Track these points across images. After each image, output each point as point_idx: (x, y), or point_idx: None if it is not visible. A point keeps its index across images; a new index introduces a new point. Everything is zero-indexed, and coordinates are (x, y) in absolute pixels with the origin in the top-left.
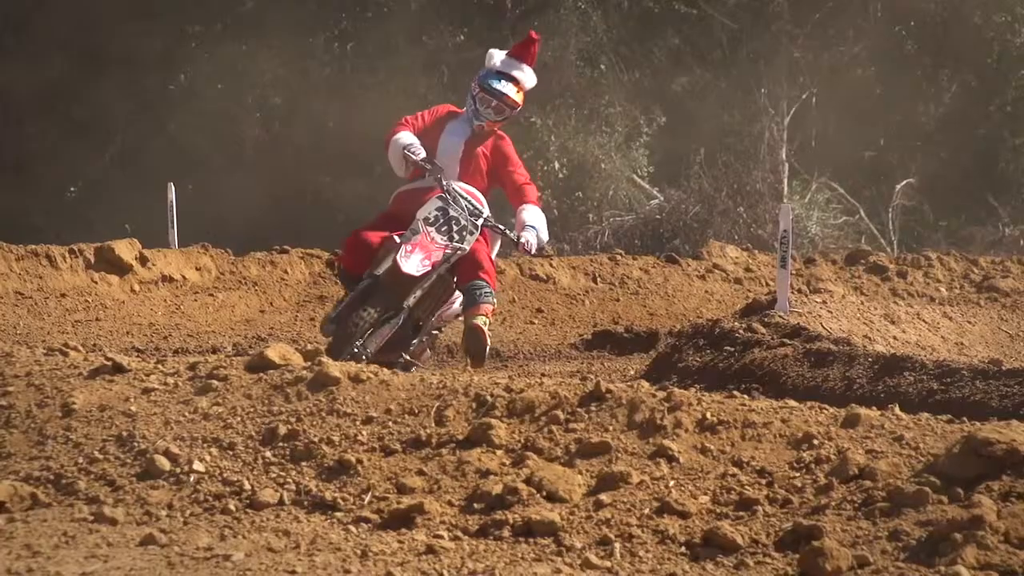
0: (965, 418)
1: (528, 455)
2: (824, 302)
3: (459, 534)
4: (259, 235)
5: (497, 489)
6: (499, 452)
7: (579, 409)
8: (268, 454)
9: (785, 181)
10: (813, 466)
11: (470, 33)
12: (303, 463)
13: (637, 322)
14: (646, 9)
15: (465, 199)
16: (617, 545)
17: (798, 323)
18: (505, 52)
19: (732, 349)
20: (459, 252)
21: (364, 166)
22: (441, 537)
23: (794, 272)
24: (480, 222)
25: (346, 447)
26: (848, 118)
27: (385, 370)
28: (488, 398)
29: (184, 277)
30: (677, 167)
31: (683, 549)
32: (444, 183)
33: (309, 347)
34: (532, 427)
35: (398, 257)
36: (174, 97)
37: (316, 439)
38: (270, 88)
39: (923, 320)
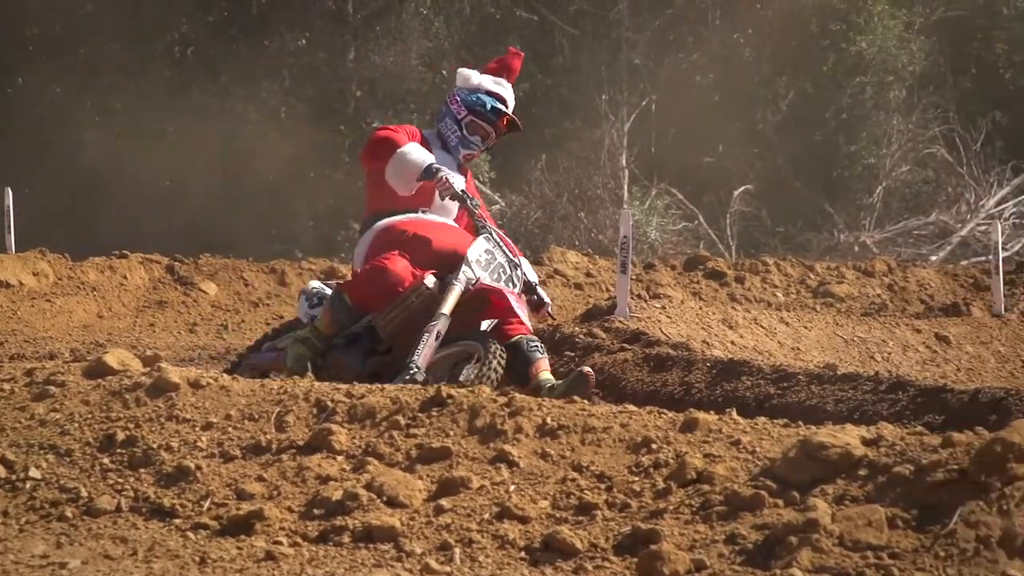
0: (801, 422)
1: (369, 460)
2: (663, 307)
3: (299, 540)
4: (98, 240)
5: (337, 495)
6: (339, 458)
7: (420, 414)
8: (106, 460)
9: (625, 187)
10: (652, 470)
11: (312, 38)
12: (141, 469)
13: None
14: (488, 15)
15: (502, 244)
16: (457, 550)
17: (638, 328)
18: (480, 71)
19: (572, 354)
20: None
21: (205, 170)
22: (280, 543)
23: (634, 277)
24: (521, 273)
25: (185, 453)
26: (687, 124)
27: (225, 376)
28: (329, 403)
29: (21, 283)
30: (518, 173)
31: (523, 554)
32: (486, 224)
33: (148, 353)
34: (373, 432)
35: (524, 318)
36: (11, 101)
37: (155, 445)
38: (109, 92)
39: (760, 325)
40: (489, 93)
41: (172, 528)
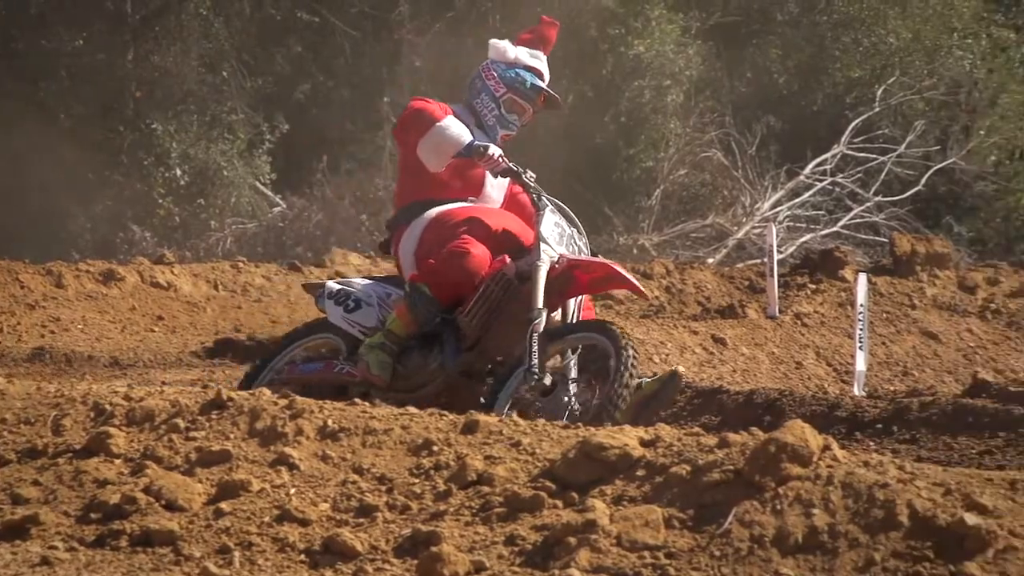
0: (580, 423)
1: (147, 464)
2: None
3: (75, 545)
4: None
5: (115, 499)
6: (117, 461)
7: (200, 417)
8: None
9: None
10: (433, 472)
11: (90, 37)
12: None
13: (259, 330)
14: (268, 16)
15: (569, 217)
16: (236, 553)
17: None
18: (514, 42)
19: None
20: None
21: None
22: (56, 548)
23: None
24: (586, 240)
25: None
26: None
27: (0, 379)
28: (107, 407)
29: None
30: (300, 175)
31: (303, 557)
32: (543, 196)
33: None
34: (152, 436)
35: (636, 281)
36: None
37: None
38: None
39: None
40: (527, 68)
41: None
